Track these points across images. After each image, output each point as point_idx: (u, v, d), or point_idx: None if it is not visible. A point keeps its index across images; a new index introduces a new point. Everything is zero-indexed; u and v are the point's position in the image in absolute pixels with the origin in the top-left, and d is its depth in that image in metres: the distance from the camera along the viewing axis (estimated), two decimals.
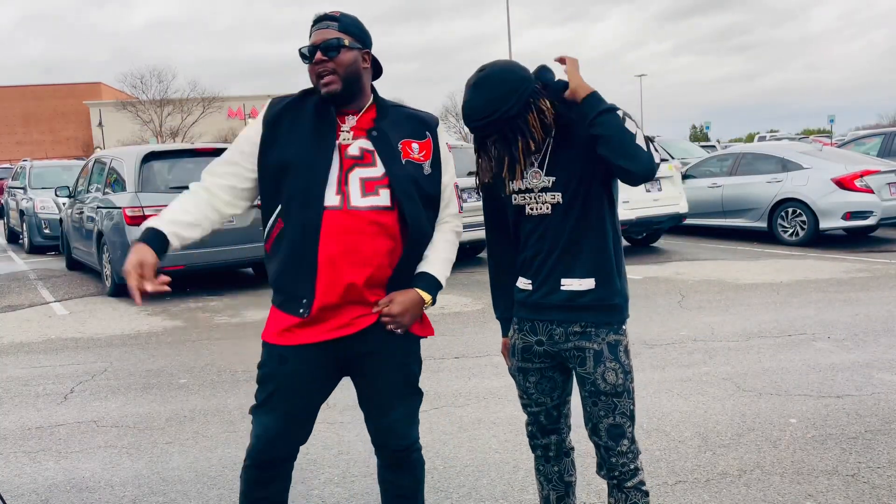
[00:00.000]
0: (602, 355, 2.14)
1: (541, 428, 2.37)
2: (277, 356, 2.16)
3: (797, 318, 6.14)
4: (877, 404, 4.11)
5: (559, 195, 2.13)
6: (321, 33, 2.13)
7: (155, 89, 58.53)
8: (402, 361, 2.26)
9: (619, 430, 2.17)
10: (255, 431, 2.19)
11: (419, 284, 2.21)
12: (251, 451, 2.21)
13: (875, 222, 9.84)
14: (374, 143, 2.17)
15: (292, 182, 2.12)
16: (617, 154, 1.98)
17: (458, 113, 66.20)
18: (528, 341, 2.26)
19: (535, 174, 2.16)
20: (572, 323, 2.17)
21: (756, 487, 3.18)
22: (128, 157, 8.39)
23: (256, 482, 2.23)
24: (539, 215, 2.16)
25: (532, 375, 2.30)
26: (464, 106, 2.10)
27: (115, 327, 6.86)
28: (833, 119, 43.27)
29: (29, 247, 13.14)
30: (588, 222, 2.14)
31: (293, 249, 2.12)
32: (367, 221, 2.12)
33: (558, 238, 2.15)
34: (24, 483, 3.51)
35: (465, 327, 6.21)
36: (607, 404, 2.16)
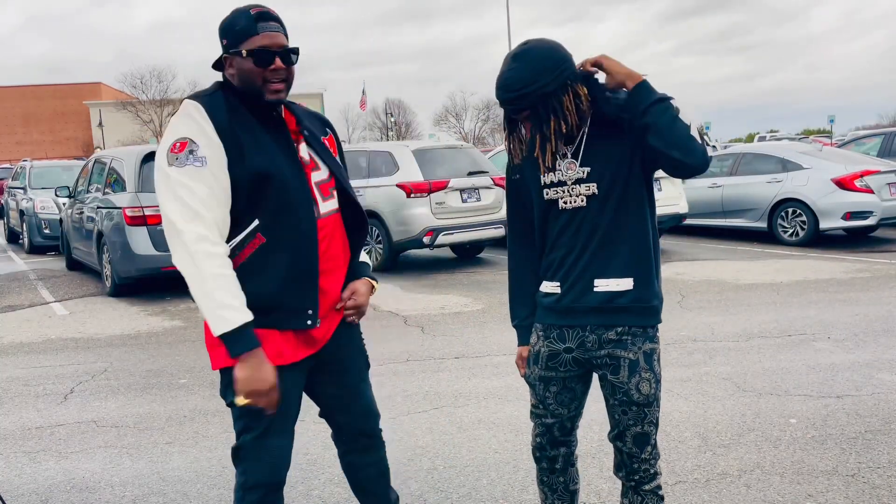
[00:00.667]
0: (637, 365, 2.09)
1: (552, 440, 2.28)
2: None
3: (797, 319, 6.15)
4: (877, 404, 4.11)
5: (594, 186, 2.04)
6: (275, 36, 2.02)
7: (155, 89, 58.61)
8: (360, 346, 2.33)
9: (646, 438, 2.14)
10: (267, 458, 2.10)
11: (365, 272, 2.27)
12: (266, 477, 2.11)
13: (875, 222, 9.84)
14: (311, 145, 2.16)
15: (276, 195, 2.00)
16: (670, 145, 1.90)
17: (457, 113, 66.27)
18: (555, 349, 2.16)
19: (569, 165, 2.07)
20: (607, 329, 2.08)
21: (756, 488, 3.18)
22: (128, 158, 8.39)
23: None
24: (573, 209, 2.07)
25: (554, 385, 2.20)
26: (500, 77, 2.01)
27: (115, 327, 6.86)
28: (833, 119, 43.25)
29: (29, 247, 13.14)
30: (627, 217, 2.05)
31: (291, 263, 2.02)
32: (334, 227, 2.15)
33: (594, 233, 2.06)
34: (24, 483, 3.51)
35: (465, 327, 6.21)
36: (638, 414, 2.11)
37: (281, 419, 2.09)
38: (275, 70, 2.01)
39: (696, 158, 1.90)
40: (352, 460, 2.40)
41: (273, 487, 2.14)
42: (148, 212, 7.86)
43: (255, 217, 2.01)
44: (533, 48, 2.00)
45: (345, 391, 2.29)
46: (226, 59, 2.06)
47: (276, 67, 2.01)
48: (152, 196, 7.98)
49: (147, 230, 7.84)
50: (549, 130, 2.01)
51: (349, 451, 2.39)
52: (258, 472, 2.11)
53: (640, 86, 1.96)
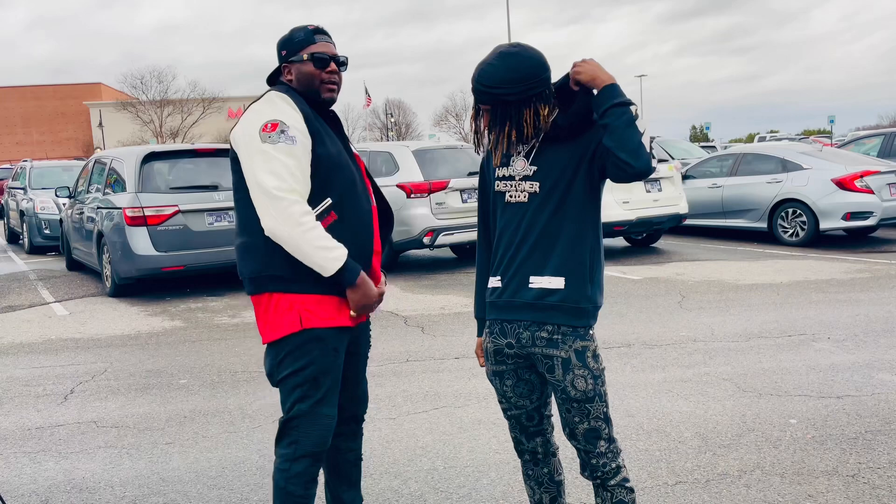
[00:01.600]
0: (570, 363, 2.14)
1: (524, 431, 2.35)
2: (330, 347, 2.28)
3: (797, 319, 6.14)
4: (877, 405, 4.11)
5: (537, 185, 2.15)
6: (329, 46, 2.36)
7: (155, 90, 58.60)
8: (369, 334, 2.63)
9: (595, 433, 2.19)
10: (320, 426, 2.30)
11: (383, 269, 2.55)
12: (316, 445, 2.30)
13: (875, 223, 9.84)
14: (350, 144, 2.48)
15: (343, 177, 2.30)
16: (622, 146, 2.00)
17: (457, 114, 66.27)
18: (498, 344, 2.25)
19: (520, 162, 2.19)
20: (539, 327, 2.15)
21: (756, 488, 3.18)
22: (128, 158, 8.39)
23: (312, 480, 2.33)
24: (516, 203, 2.19)
25: (508, 378, 2.28)
26: (479, 66, 2.14)
27: (115, 328, 6.86)
28: (833, 119, 43.23)
29: (29, 247, 13.14)
30: (565, 219, 2.14)
31: (356, 239, 2.30)
32: (374, 216, 2.43)
33: (532, 230, 2.16)
34: (24, 483, 3.51)
35: (465, 328, 6.20)
36: (580, 410, 2.17)
37: (334, 389, 2.33)
38: (330, 72, 2.34)
39: (640, 163, 2.01)
40: (336, 444, 2.55)
41: (318, 457, 2.32)
42: (148, 212, 7.86)
43: (327, 195, 2.27)
44: (518, 55, 2.10)
45: (352, 374, 2.53)
46: (284, 67, 2.37)
47: (331, 70, 2.34)
48: (152, 196, 7.98)
49: (147, 230, 7.84)
50: (502, 133, 2.15)
51: (336, 434, 2.52)
52: (310, 440, 2.29)
53: (610, 87, 2.07)
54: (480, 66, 2.13)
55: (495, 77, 2.09)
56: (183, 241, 7.97)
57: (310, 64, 2.32)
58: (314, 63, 2.32)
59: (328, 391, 2.30)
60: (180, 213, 7.99)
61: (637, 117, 2.06)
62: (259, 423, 4.20)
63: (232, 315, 7.24)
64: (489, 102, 2.12)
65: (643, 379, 4.69)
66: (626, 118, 2.02)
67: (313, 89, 2.33)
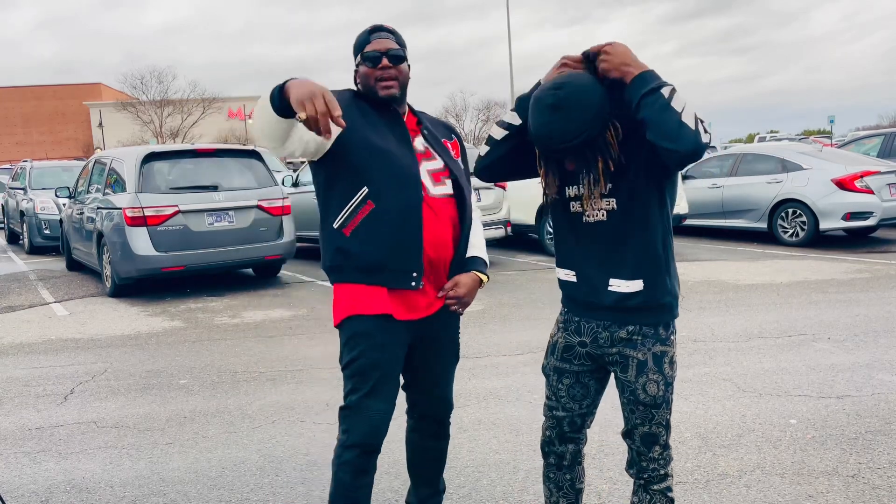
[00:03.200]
0: (646, 366, 2.11)
1: (561, 435, 2.31)
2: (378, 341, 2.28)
3: (797, 319, 6.14)
4: (877, 405, 4.11)
5: (614, 201, 2.07)
6: (383, 42, 2.34)
7: (155, 90, 58.61)
8: (454, 335, 2.56)
9: (653, 437, 2.16)
10: (367, 419, 2.29)
11: (475, 267, 2.45)
12: (364, 437, 2.29)
13: (875, 223, 9.84)
14: (427, 140, 2.45)
15: (384, 166, 2.26)
16: (661, 136, 1.87)
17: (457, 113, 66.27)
18: (571, 341, 2.22)
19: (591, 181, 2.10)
20: (619, 327, 2.12)
21: (756, 488, 3.18)
22: (128, 158, 8.39)
23: (361, 470, 2.32)
24: (595, 222, 2.11)
25: (567, 378, 2.25)
26: (540, 128, 1.98)
27: (115, 328, 6.86)
28: (833, 120, 43.22)
29: (29, 247, 13.15)
30: (640, 223, 2.08)
31: (398, 228, 2.25)
32: (442, 209, 2.37)
33: (605, 238, 2.10)
34: (24, 484, 3.51)
35: (464, 328, 6.20)
36: (644, 414, 2.14)
37: (384, 382, 2.31)
38: (383, 68, 2.31)
39: (685, 145, 1.84)
40: (415, 438, 2.66)
41: (368, 449, 2.31)
42: (148, 212, 7.86)
43: (363, 185, 2.26)
44: (571, 96, 1.94)
45: (428, 374, 2.54)
46: (357, 71, 2.39)
47: (383, 66, 2.31)
48: (152, 196, 7.98)
49: (147, 230, 7.84)
50: (597, 171, 2.01)
51: (415, 428, 2.65)
52: (358, 431, 2.30)
53: (638, 78, 1.93)
54: (544, 129, 1.97)
55: (569, 130, 1.94)
56: (183, 242, 7.97)
57: (364, 65, 2.34)
58: (366, 63, 2.33)
59: (376, 385, 2.29)
60: (180, 213, 7.99)
61: (671, 97, 1.88)
62: (259, 423, 4.20)
63: (232, 315, 7.24)
64: (574, 151, 1.99)
65: None
66: (659, 104, 1.87)
67: (371, 88, 2.34)
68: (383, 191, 2.25)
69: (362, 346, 2.29)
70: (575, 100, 1.93)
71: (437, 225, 2.34)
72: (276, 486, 3.39)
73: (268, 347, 5.92)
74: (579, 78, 1.98)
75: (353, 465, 2.31)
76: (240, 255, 8.33)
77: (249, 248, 8.30)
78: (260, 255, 8.53)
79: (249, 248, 8.30)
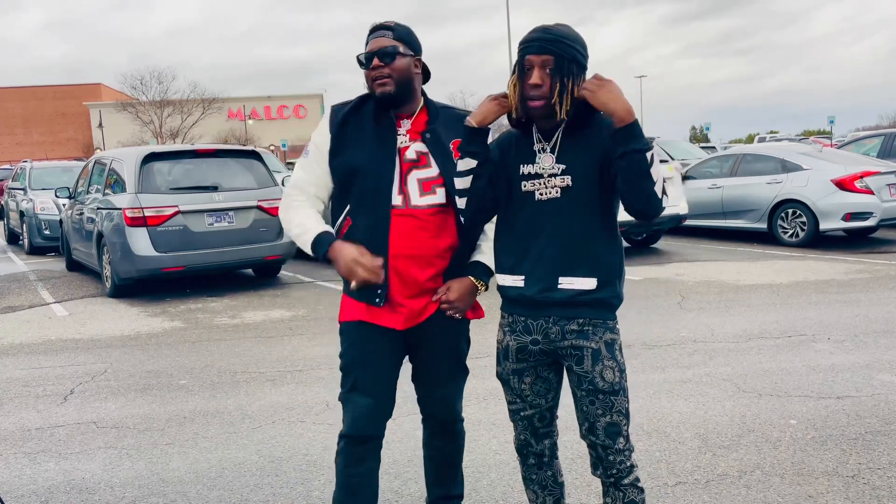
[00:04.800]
0: (600, 354, 2.15)
1: (534, 432, 2.33)
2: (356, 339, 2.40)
3: (797, 320, 6.14)
4: (877, 405, 4.11)
5: (569, 178, 2.11)
6: (377, 41, 2.34)
7: (155, 90, 58.60)
8: (455, 342, 2.54)
9: (616, 427, 2.17)
10: (351, 412, 2.42)
11: (473, 272, 2.43)
12: (349, 429, 2.42)
13: (875, 223, 9.84)
14: (427, 145, 2.39)
15: (361, 184, 2.34)
16: (632, 194, 2.01)
17: None
18: (522, 341, 2.23)
19: (547, 158, 2.14)
20: (569, 321, 2.15)
21: (756, 489, 3.18)
22: (128, 158, 8.39)
23: (354, 459, 2.43)
24: (548, 199, 2.13)
25: (528, 375, 2.27)
26: (540, 27, 2.09)
27: (114, 328, 6.86)
28: (833, 120, 43.17)
29: (29, 248, 13.14)
30: (595, 215, 2.12)
31: (366, 243, 2.30)
32: (427, 219, 2.35)
33: (561, 228, 2.12)
34: (24, 484, 3.51)
35: None
36: (605, 402, 2.15)
37: (365, 379, 2.40)
38: (375, 67, 2.32)
39: (649, 211, 2.03)
40: (425, 436, 2.71)
41: (354, 440, 2.41)
42: (148, 213, 7.86)
43: (347, 202, 2.39)
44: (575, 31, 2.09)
45: (428, 376, 2.57)
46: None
47: (375, 66, 2.32)
48: (152, 197, 7.99)
49: (147, 231, 7.84)
50: (565, 90, 2.05)
51: (424, 426, 2.71)
52: (346, 423, 2.43)
53: (629, 127, 1.98)
54: (543, 25, 2.09)
55: (567, 35, 2.06)
56: (183, 242, 7.98)
57: (362, 67, 2.38)
58: (361, 65, 2.38)
59: (358, 380, 2.40)
60: (180, 213, 7.99)
61: (652, 162, 1.99)
62: (259, 423, 4.20)
63: (232, 315, 7.24)
64: (556, 53, 2.03)
65: (643, 379, 4.68)
66: (641, 169, 1.97)
67: (371, 89, 2.37)
68: (359, 208, 2.35)
69: (346, 345, 2.44)
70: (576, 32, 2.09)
71: (417, 238, 2.34)
72: (276, 486, 3.38)
73: (268, 348, 5.92)
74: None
75: (346, 453, 2.43)
76: (240, 255, 8.33)
77: (249, 249, 8.30)
78: (260, 256, 8.53)
79: (249, 248, 8.30)
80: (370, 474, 2.46)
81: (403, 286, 2.37)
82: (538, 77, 2.05)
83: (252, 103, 65.39)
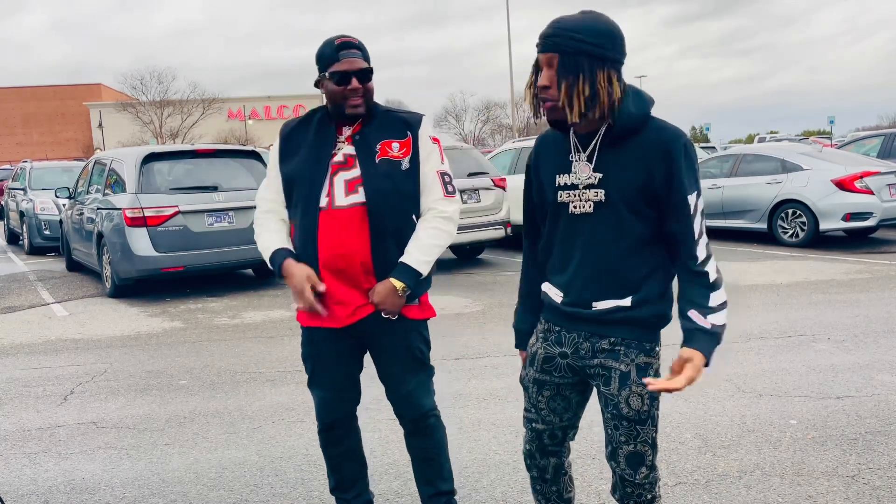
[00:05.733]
0: (628, 378, 1.98)
1: (541, 448, 2.20)
2: (308, 339, 2.61)
3: (797, 320, 6.14)
4: (877, 405, 4.11)
5: (602, 193, 1.93)
6: (352, 61, 2.42)
7: (155, 90, 58.61)
8: (404, 341, 2.59)
9: (639, 458, 2.03)
10: (315, 402, 2.69)
11: (394, 273, 2.47)
12: (316, 417, 2.71)
13: (875, 223, 9.83)
14: (356, 147, 2.48)
15: (298, 191, 2.49)
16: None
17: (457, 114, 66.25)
18: (551, 352, 2.10)
19: (583, 167, 1.97)
20: (601, 338, 2.00)
21: (756, 489, 3.18)
22: (128, 159, 8.39)
23: (329, 442, 2.73)
24: (581, 214, 1.97)
25: (548, 389, 2.13)
26: (554, 20, 1.92)
27: (114, 328, 6.86)
28: (833, 120, 43.23)
29: (29, 248, 13.14)
30: (632, 231, 1.95)
31: (301, 249, 2.50)
32: (350, 218, 2.44)
33: (595, 245, 1.97)
34: (24, 484, 3.51)
35: (465, 329, 6.20)
36: (629, 430, 2.01)
37: (318, 374, 2.63)
38: (352, 89, 2.41)
39: None
40: (404, 436, 2.77)
41: (324, 426, 2.70)
42: (148, 213, 7.86)
43: (290, 208, 2.56)
44: (603, 16, 1.91)
45: (387, 375, 2.65)
46: (320, 82, 2.50)
47: (353, 87, 2.41)
48: (152, 197, 7.99)
49: (147, 231, 7.84)
50: (575, 87, 1.86)
51: (404, 431, 2.77)
52: (316, 415, 2.71)
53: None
54: (554, 19, 1.91)
55: (573, 25, 1.86)
56: (183, 242, 7.98)
57: (331, 82, 2.43)
58: (335, 81, 2.42)
59: (313, 375, 2.65)
60: (180, 213, 7.99)
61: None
62: (259, 423, 4.20)
63: (232, 316, 7.24)
64: (560, 49, 1.86)
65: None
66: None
67: (339, 105, 2.45)
68: (296, 212, 2.51)
69: (302, 342, 2.66)
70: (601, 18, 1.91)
71: (341, 236, 2.43)
72: (276, 486, 3.39)
73: (267, 348, 5.92)
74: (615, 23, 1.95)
75: (321, 437, 2.74)
76: (240, 255, 8.33)
77: (249, 249, 8.29)
78: (260, 256, 8.51)
79: (249, 248, 8.29)
80: (350, 452, 2.75)
81: (336, 284, 2.47)
82: (545, 78, 1.90)
83: (252, 103, 65.40)
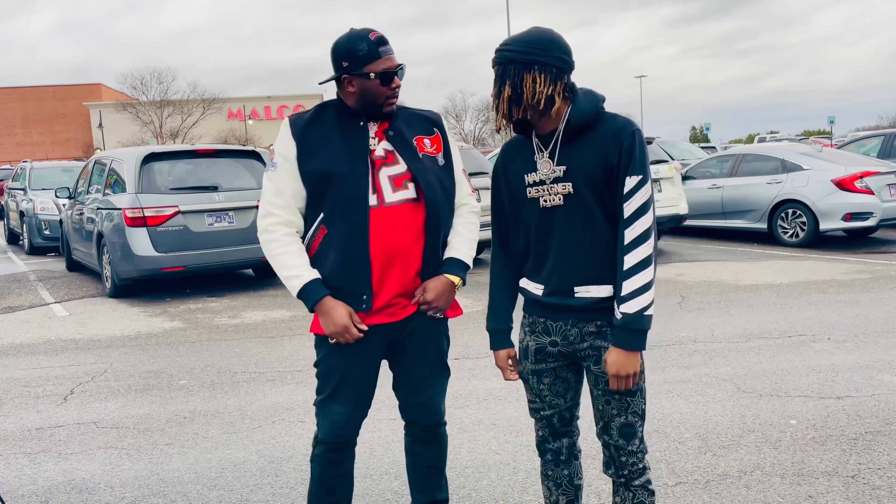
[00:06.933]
0: None
1: (553, 431, 2.34)
2: (331, 350, 2.38)
3: (797, 320, 6.14)
4: (877, 405, 4.10)
5: (570, 185, 2.09)
6: (391, 58, 2.34)
7: (155, 90, 58.60)
8: (436, 343, 2.53)
9: (631, 428, 2.17)
10: (329, 419, 2.43)
11: (447, 269, 2.42)
12: (327, 436, 2.44)
13: (875, 223, 9.83)
14: (392, 143, 2.39)
15: (335, 191, 2.30)
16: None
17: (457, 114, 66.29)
18: (541, 342, 2.24)
19: (545, 164, 2.13)
20: (587, 322, 2.15)
21: (756, 489, 3.18)
22: (128, 159, 8.39)
23: (332, 463, 2.48)
24: (552, 207, 2.12)
25: (547, 376, 2.27)
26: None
27: (114, 328, 6.86)
28: (833, 120, 43.24)
29: (29, 248, 13.14)
30: (603, 220, 2.10)
31: (346, 250, 2.31)
32: (402, 214, 2.34)
33: (570, 235, 2.11)
34: (24, 484, 3.51)
35: (464, 328, 6.20)
36: (621, 403, 2.15)
37: (345, 388, 2.40)
38: (395, 87, 2.34)
39: None
40: (407, 442, 2.67)
41: (333, 447, 2.45)
42: (148, 213, 7.86)
43: (321, 210, 2.34)
44: (539, 28, 2.10)
45: (408, 379, 2.53)
46: (345, 79, 2.34)
47: (395, 85, 2.34)
48: (152, 197, 7.99)
49: (147, 231, 7.84)
50: (501, 93, 2.10)
51: (406, 432, 2.66)
52: (322, 429, 2.45)
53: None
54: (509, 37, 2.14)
55: (509, 38, 2.10)
56: (183, 242, 7.98)
57: (377, 82, 2.31)
58: (381, 81, 2.31)
59: (336, 389, 2.40)
60: (180, 213, 7.99)
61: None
62: (259, 423, 4.20)
63: (232, 316, 7.24)
64: (495, 63, 2.10)
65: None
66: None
67: (377, 104, 2.34)
68: (334, 216, 2.32)
69: (323, 352, 2.42)
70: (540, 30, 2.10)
71: (394, 235, 2.33)
72: (276, 486, 3.39)
73: (267, 348, 5.92)
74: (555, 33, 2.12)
75: (323, 458, 2.47)
76: (240, 255, 8.33)
77: (249, 249, 8.29)
78: (260, 256, 8.50)
79: (249, 248, 8.29)
80: (348, 475, 2.53)
81: (386, 285, 2.36)
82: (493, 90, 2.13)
83: (252, 103, 65.37)
